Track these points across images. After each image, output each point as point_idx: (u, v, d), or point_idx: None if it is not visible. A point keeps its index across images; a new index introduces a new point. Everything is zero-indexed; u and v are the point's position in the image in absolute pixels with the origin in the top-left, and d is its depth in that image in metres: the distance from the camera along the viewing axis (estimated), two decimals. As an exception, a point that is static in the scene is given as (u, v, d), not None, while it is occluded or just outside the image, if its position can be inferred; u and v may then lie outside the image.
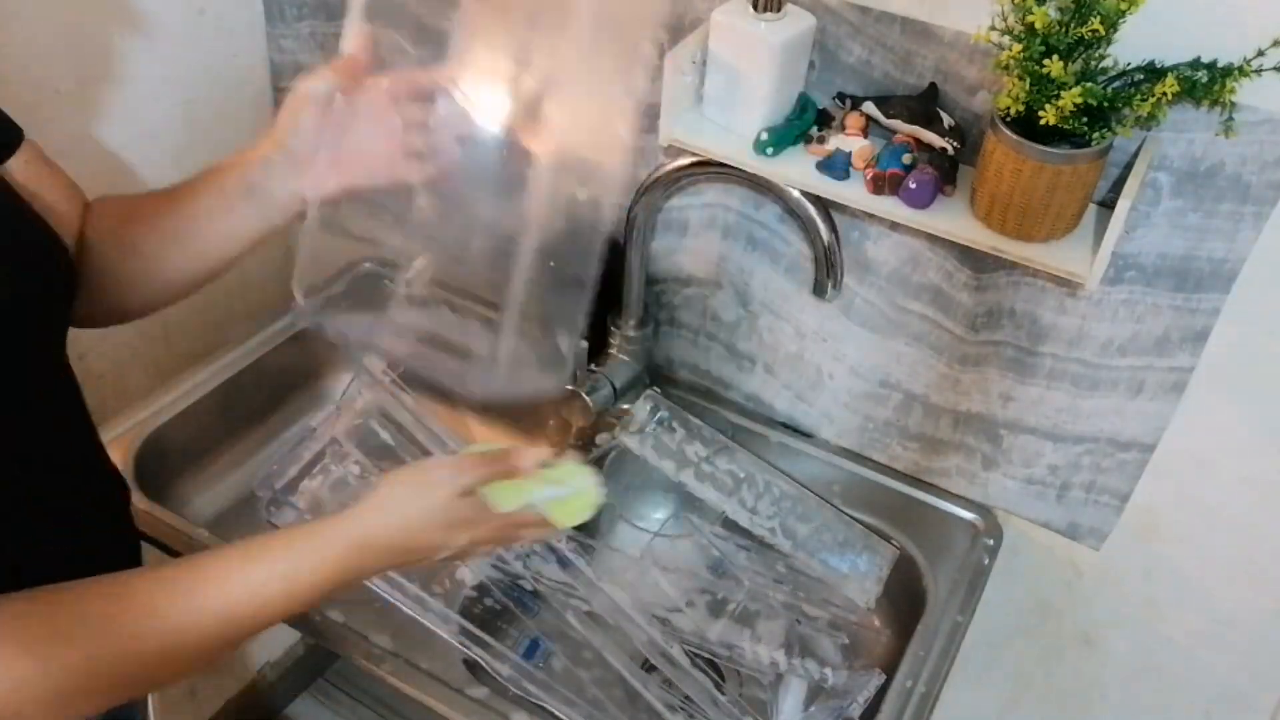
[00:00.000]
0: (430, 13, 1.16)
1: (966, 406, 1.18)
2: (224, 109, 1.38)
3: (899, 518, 1.22)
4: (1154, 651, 1.25)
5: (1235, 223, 0.93)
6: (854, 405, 1.25)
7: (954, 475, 1.23)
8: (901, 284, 1.13)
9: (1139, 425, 1.09)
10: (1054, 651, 1.32)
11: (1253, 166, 0.90)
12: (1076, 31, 0.84)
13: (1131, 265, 1.00)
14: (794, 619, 1.14)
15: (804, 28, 1.00)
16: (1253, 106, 0.87)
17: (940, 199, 0.98)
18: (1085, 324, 1.05)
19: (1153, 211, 0.96)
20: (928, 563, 1.18)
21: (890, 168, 0.98)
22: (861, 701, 1.02)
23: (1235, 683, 1.22)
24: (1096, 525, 1.18)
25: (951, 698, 1.11)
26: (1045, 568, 1.25)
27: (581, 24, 0.85)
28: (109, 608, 0.69)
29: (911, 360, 1.18)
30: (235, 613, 0.74)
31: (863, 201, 0.99)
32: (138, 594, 0.71)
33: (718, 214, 1.21)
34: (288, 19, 1.36)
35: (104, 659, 0.67)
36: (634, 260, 1.23)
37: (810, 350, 1.24)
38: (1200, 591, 1.17)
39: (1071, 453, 1.14)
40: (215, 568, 0.74)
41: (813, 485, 1.24)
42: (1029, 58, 0.85)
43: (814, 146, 1.03)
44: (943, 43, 0.97)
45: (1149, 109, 0.84)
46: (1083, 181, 0.90)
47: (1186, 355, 1.02)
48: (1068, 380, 1.10)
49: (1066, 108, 0.83)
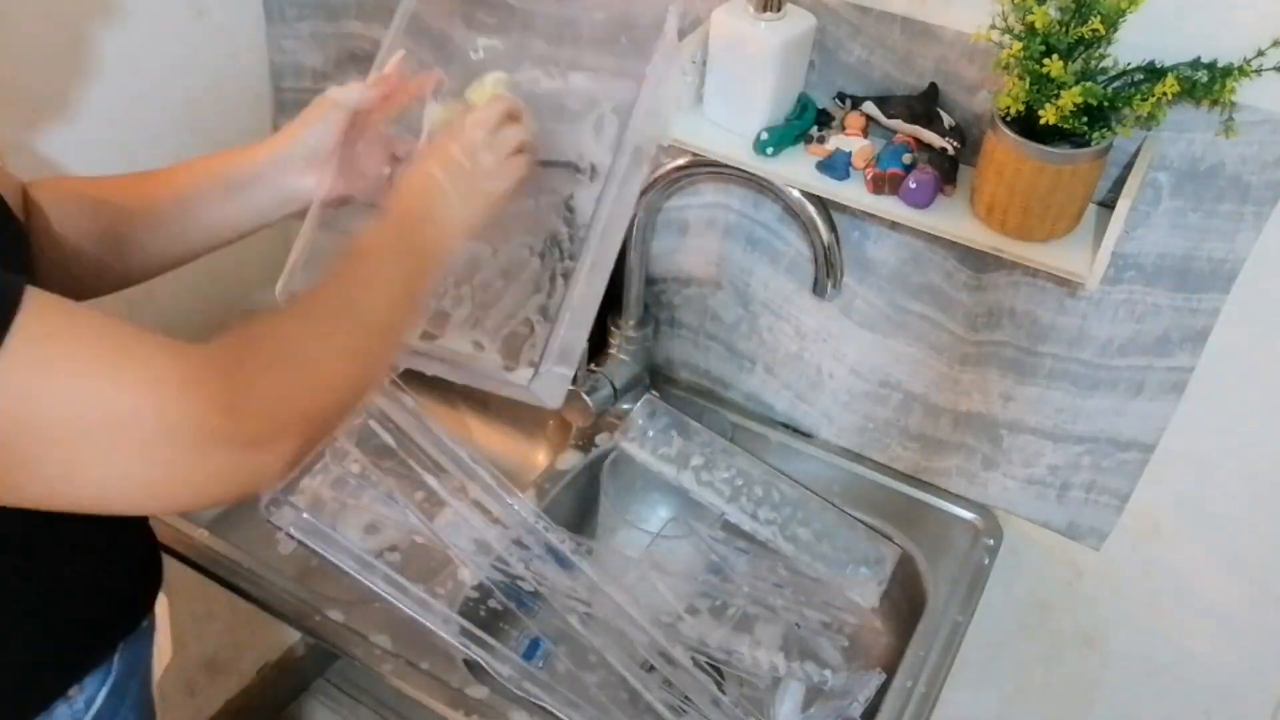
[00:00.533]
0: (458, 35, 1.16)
1: (966, 406, 1.18)
2: (224, 109, 1.38)
3: (899, 518, 1.22)
4: (1154, 651, 1.25)
5: (1235, 223, 0.93)
6: (854, 405, 1.25)
7: (954, 475, 1.23)
8: (901, 284, 1.13)
9: (1139, 425, 1.09)
10: (1054, 651, 1.32)
11: (1253, 166, 0.90)
12: (1077, 31, 0.84)
13: (1131, 265, 1.00)
14: (794, 622, 1.14)
15: (804, 28, 1.00)
16: (1253, 106, 0.87)
17: (940, 199, 0.98)
18: (1085, 324, 1.05)
19: (1153, 211, 0.96)
20: (928, 563, 1.18)
21: (890, 167, 0.98)
22: (862, 701, 1.02)
23: (1235, 683, 1.22)
24: (1096, 525, 1.18)
25: (951, 698, 1.11)
26: (1045, 568, 1.25)
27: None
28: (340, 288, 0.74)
29: (911, 360, 1.18)
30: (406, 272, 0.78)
31: (863, 201, 0.99)
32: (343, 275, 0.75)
33: (717, 214, 1.21)
34: (288, 19, 1.36)
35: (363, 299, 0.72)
36: (634, 260, 1.23)
37: (810, 350, 1.24)
38: (1200, 591, 1.17)
39: (1071, 453, 1.14)
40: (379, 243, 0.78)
41: (813, 485, 1.24)
42: (1029, 57, 0.85)
43: (814, 146, 1.03)
44: (943, 42, 0.97)
45: (1149, 109, 0.84)
46: (1083, 181, 0.90)
47: (1186, 355, 1.02)
48: (1068, 380, 1.10)
49: (1066, 107, 0.83)
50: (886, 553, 1.18)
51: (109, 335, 0.58)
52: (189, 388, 0.58)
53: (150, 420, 0.57)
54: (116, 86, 1.23)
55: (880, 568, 1.17)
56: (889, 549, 1.18)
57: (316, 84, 1.39)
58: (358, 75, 0.93)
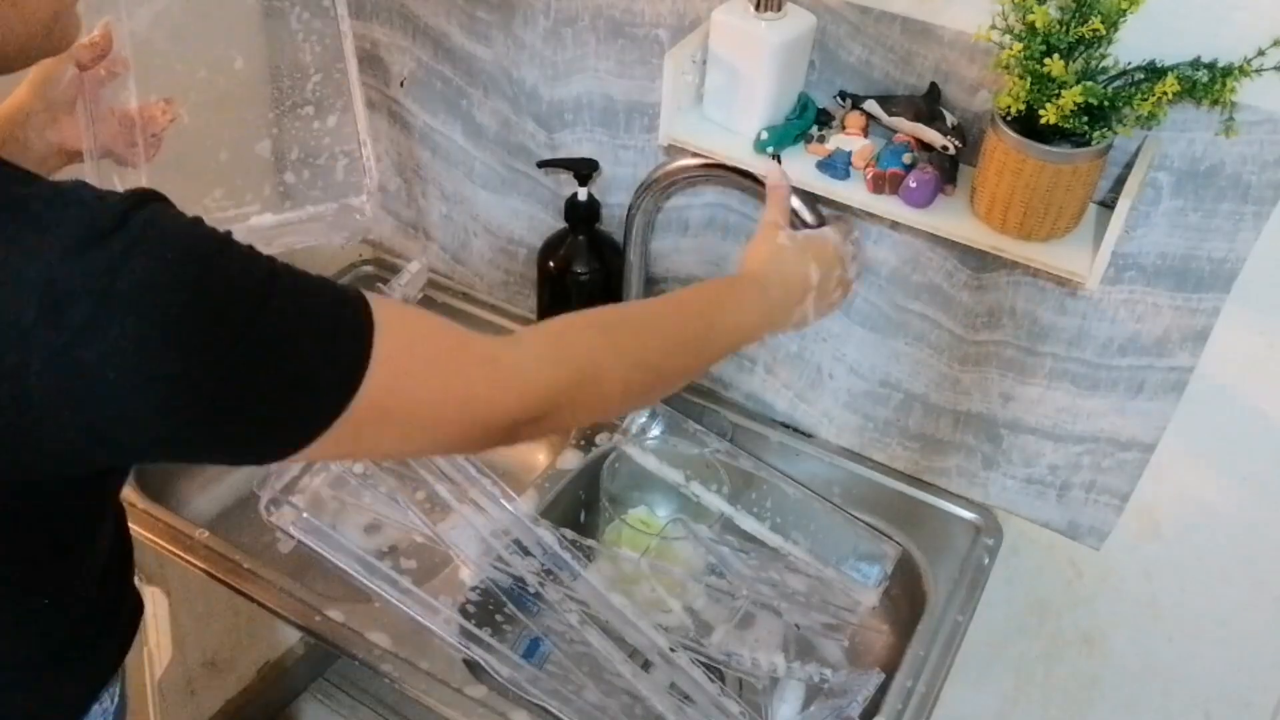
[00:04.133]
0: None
1: (966, 406, 1.17)
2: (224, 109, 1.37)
3: (899, 518, 1.22)
4: (1154, 651, 1.25)
5: (1235, 222, 0.93)
6: (854, 405, 1.25)
7: (954, 475, 1.23)
8: (901, 283, 1.13)
9: (1139, 425, 1.09)
10: (1054, 651, 1.32)
11: (1253, 166, 0.90)
12: (1077, 31, 0.84)
13: (1132, 265, 1.00)
14: (794, 622, 1.14)
15: (804, 28, 1.00)
16: (1253, 106, 0.87)
17: (940, 198, 0.98)
18: (1085, 324, 1.05)
19: (1153, 211, 0.96)
20: (928, 563, 1.18)
21: (891, 167, 0.98)
22: (861, 701, 1.02)
23: (1235, 683, 1.22)
24: (1096, 525, 1.18)
25: (951, 697, 1.11)
26: (1045, 568, 1.25)
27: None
28: (642, 308, 0.91)
29: (912, 360, 1.18)
30: (736, 334, 0.89)
31: (863, 201, 0.99)
32: (664, 302, 0.89)
33: (717, 214, 1.21)
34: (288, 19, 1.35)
35: (656, 339, 0.82)
36: (634, 260, 1.23)
37: (810, 350, 1.24)
38: (1200, 591, 1.17)
39: (1071, 452, 1.14)
40: (709, 294, 0.91)
41: (813, 485, 1.24)
42: (1029, 57, 0.85)
43: (814, 146, 1.03)
44: (943, 42, 0.97)
45: (1149, 108, 0.84)
46: (1083, 181, 0.90)
47: (1186, 355, 1.02)
48: (1068, 380, 1.10)
49: (1067, 107, 0.83)
50: (887, 552, 1.18)
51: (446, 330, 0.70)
52: (507, 380, 0.70)
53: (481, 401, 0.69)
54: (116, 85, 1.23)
55: (880, 567, 1.17)
56: (889, 549, 1.18)
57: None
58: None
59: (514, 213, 1.36)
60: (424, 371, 0.66)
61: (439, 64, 1.29)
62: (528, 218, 1.35)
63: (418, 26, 1.28)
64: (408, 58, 1.31)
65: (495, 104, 1.27)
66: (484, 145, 1.32)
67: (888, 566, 1.16)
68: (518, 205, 1.35)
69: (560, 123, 1.22)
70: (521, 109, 1.25)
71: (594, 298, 1.28)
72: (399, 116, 1.37)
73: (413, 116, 1.35)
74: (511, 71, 1.22)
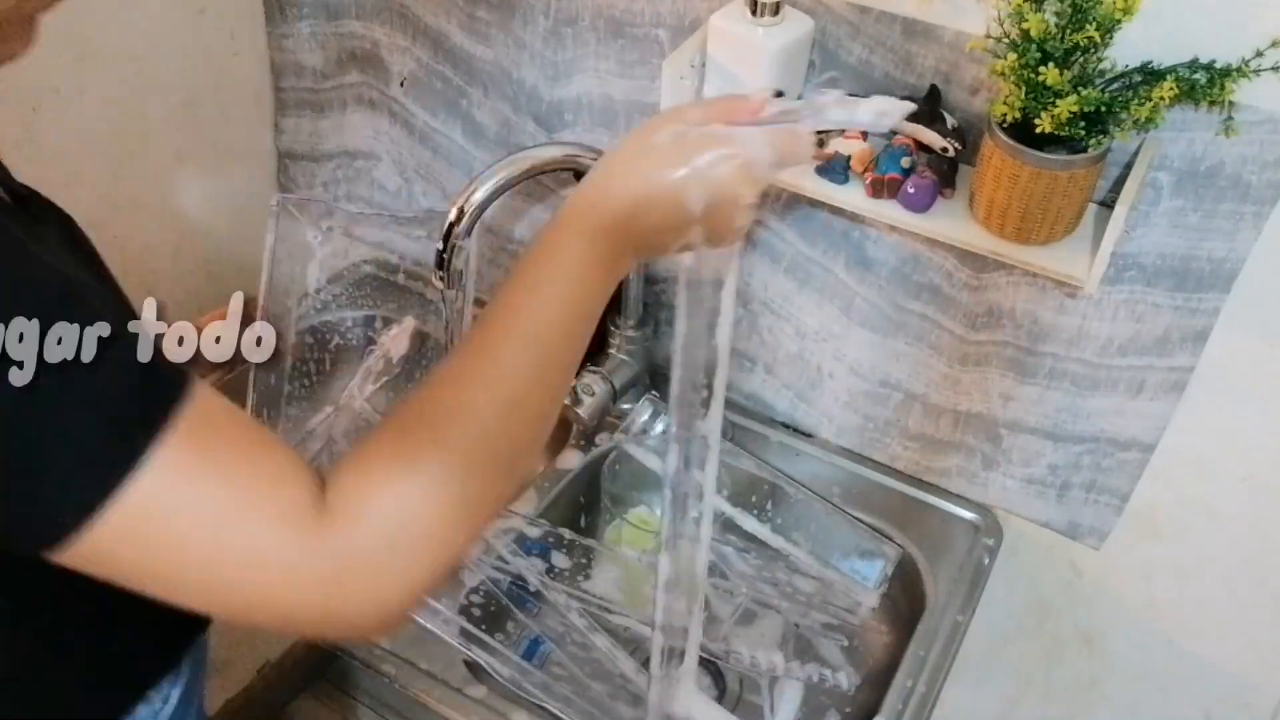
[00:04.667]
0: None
1: (966, 406, 1.17)
2: (224, 108, 1.38)
3: (899, 518, 1.22)
4: (1154, 651, 1.25)
5: (1235, 222, 0.93)
6: (854, 405, 1.25)
7: (954, 475, 1.23)
8: (901, 284, 1.13)
9: (1139, 425, 1.09)
10: (1054, 651, 1.32)
11: (1253, 166, 0.90)
12: (1072, 38, 0.83)
13: (1132, 265, 1.00)
14: (794, 622, 1.14)
15: (802, 32, 0.99)
16: (1253, 106, 0.87)
17: (940, 201, 0.98)
18: (1085, 324, 1.05)
19: (1153, 211, 0.96)
20: (928, 563, 1.18)
21: (889, 172, 0.97)
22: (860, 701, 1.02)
23: (1235, 683, 1.22)
24: (1096, 525, 1.18)
25: (951, 697, 1.11)
26: (1045, 568, 1.25)
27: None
28: (450, 387, 0.62)
29: (911, 360, 1.18)
30: (546, 336, 0.65)
31: (862, 206, 0.99)
32: (467, 356, 0.63)
33: (717, 214, 1.21)
34: (288, 19, 1.36)
35: (477, 439, 0.60)
36: (634, 260, 1.23)
37: (810, 350, 1.24)
38: (1200, 591, 1.17)
39: (1071, 452, 1.14)
40: (512, 302, 0.65)
41: (813, 485, 1.24)
42: (1025, 65, 0.84)
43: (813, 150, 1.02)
44: (943, 43, 0.97)
45: (1147, 113, 0.84)
46: (1080, 185, 0.90)
47: (1186, 355, 1.02)
48: (1068, 380, 1.10)
49: (1062, 116, 0.82)
50: (887, 552, 1.18)
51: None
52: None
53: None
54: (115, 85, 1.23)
55: (880, 567, 1.17)
56: (889, 548, 1.18)
57: (316, 84, 1.39)
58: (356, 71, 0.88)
59: (514, 212, 1.36)
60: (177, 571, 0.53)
61: (439, 64, 1.29)
62: (528, 218, 1.35)
63: (418, 26, 1.28)
64: (408, 58, 1.31)
65: (495, 104, 1.27)
66: (484, 145, 1.32)
67: (888, 566, 1.16)
68: (518, 205, 1.35)
69: (560, 123, 1.22)
70: (521, 109, 1.25)
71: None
72: (399, 116, 1.37)
73: (413, 116, 1.35)
74: (511, 71, 1.22)
